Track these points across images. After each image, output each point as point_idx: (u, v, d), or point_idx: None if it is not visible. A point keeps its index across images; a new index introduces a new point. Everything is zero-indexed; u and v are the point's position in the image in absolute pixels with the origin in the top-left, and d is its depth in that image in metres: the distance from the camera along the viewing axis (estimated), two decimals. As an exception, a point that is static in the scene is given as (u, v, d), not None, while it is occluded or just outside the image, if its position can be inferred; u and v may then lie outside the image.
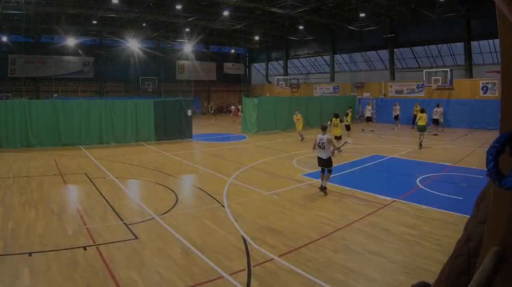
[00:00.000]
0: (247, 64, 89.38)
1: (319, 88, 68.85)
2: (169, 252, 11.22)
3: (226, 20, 57.10)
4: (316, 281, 9.43)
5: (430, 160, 25.97)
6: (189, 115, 37.91)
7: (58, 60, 66.31)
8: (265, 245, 11.69)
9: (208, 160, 27.06)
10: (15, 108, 30.85)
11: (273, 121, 42.87)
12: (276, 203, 16.18)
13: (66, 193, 18.07)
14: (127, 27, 61.61)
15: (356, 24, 56.53)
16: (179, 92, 73.32)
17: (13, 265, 10.16)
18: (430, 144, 32.73)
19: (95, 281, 9.42)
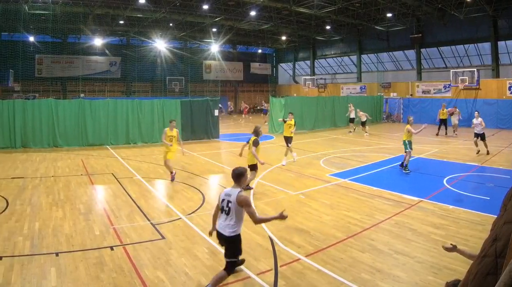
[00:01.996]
0: (274, 64, 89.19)
1: (346, 88, 68.62)
2: (196, 252, 11.24)
3: (253, 20, 57.17)
4: (343, 281, 9.43)
5: (457, 159, 25.81)
6: (216, 115, 38.00)
7: (85, 60, 66.84)
8: (292, 245, 11.70)
9: (235, 160, 26.34)
10: (42, 109, 31.15)
11: (300, 121, 42.19)
12: (303, 203, 16.12)
13: (93, 193, 18.10)
14: (154, 27, 61.89)
15: (383, 24, 56.31)
16: (206, 92, 73.91)
17: (40, 265, 10.21)
18: (457, 144, 32.56)
19: (122, 281, 9.48)
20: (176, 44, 72.47)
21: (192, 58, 73.43)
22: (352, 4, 49.24)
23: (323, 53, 75.40)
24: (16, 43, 58.06)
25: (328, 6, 49.04)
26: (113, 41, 69.92)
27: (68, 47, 64.58)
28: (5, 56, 56.48)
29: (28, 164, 24.67)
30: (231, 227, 8.87)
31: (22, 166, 24.00)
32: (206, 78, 78.02)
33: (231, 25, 60.39)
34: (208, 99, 38.23)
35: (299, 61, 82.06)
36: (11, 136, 30.28)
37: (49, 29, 54.98)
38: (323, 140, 36.11)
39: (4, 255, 10.74)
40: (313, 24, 62.51)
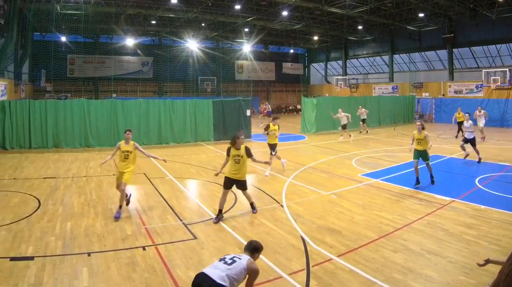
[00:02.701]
0: (306, 64, 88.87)
1: (378, 88, 68.39)
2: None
3: (285, 20, 57.04)
4: (375, 281, 9.46)
5: (489, 159, 25.49)
6: (248, 115, 37.97)
7: (117, 60, 67.43)
8: (324, 245, 11.68)
9: (266, 160, 26.75)
10: (74, 109, 31.38)
11: (331, 122, 42.12)
12: (335, 203, 16.07)
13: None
14: (186, 27, 62.13)
15: (415, 24, 55.89)
16: (238, 92, 73.89)
17: (72, 265, 10.29)
18: (489, 144, 32.23)
19: (154, 281, 9.52)
20: (208, 44, 72.74)
21: (224, 58, 73.70)
22: (384, 4, 49.03)
23: (355, 53, 75.00)
24: (48, 43, 58.62)
25: (360, 6, 48.91)
26: (145, 41, 70.41)
27: (100, 47, 65.16)
28: (37, 56, 57.12)
29: (60, 164, 24.91)
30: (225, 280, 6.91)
31: (54, 166, 24.24)
32: (238, 78, 78.17)
33: (263, 25, 60.51)
34: (240, 99, 38.16)
35: (331, 61, 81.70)
36: (43, 136, 30.59)
37: (81, 29, 55.43)
38: (355, 140, 35.90)
39: (36, 255, 10.83)
40: (345, 24, 62.39)
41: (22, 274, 9.67)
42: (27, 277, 9.49)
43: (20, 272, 9.75)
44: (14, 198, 16.70)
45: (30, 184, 19.47)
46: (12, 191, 18.03)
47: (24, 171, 22.78)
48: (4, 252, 11.00)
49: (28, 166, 24.09)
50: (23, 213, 14.55)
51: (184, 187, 19.27)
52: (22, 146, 30.31)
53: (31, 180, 20.26)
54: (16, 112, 30.08)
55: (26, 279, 9.39)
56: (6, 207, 15.39)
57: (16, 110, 30.12)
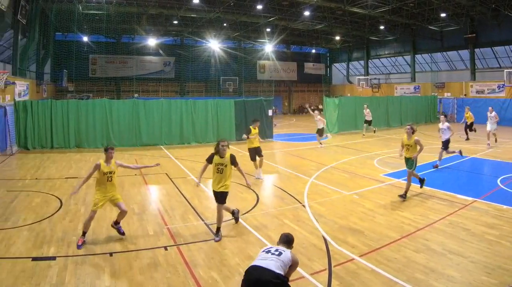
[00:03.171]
0: (328, 64, 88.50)
1: (400, 88, 68.13)
2: (249, 252, 11.25)
3: (307, 20, 56.99)
4: (397, 281, 9.52)
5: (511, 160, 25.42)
6: (270, 115, 37.88)
7: (139, 60, 67.76)
8: (346, 245, 11.70)
9: (288, 160, 27.00)
10: (96, 109, 31.55)
11: (353, 122, 42.57)
12: (357, 203, 16.07)
13: (146, 193, 18.33)
14: (208, 27, 62.28)
15: (437, 24, 55.47)
16: (260, 92, 74.06)
17: (94, 265, 10.36)
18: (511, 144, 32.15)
19: (176, 281, 9.54)
20: (230, 44, 72.93)
21: (246, 58, 73.75)
22: (406, 4, 48.83)
23: (377, 53, 74.72)
24: (70, 43, 58.89)
25: (382, 6, 48.75)
26: (167, 41, 70.66)
27: (122, 47, 65.43)
28: (59, 57, 57.61)
29: (82, 164, 25.05)
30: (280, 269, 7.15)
31: (76, 166, 24.40)
32: (260, 78, 78.18)
33: (285, 25, 60.44)
34: (262, 99, 38.11)
35: (353, 61, 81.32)
36: (65, 136, 30.82)
37: (103, 29, 55.80)
38: (376, 140, 35.87)
39: (58, 255, 10.91)
40: (367, 24, 62.18)
41: (44, 274, 9.72)
42: (49, 277, 9.55)
43: (42, 272, 9.80)
44: (36, 198, 16.83)
45: (52, 184, 19.63)
46: (34, 191, 18.19)
47: (46, 171, 22.95)
48: (26, 252, 11.08)
49: (50, 166, 24.27)
50: (45, 213, 14.67)
51: (206, 187, 19.03)
52: (44, 146, 30.54)
53: (53, 180, 20.42)
54: (38, 113, 30.28)
55: (48, 279, 9.45)
56: (28, 207, 15.52)
57: (38, 111, 30.32)
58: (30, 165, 24.78)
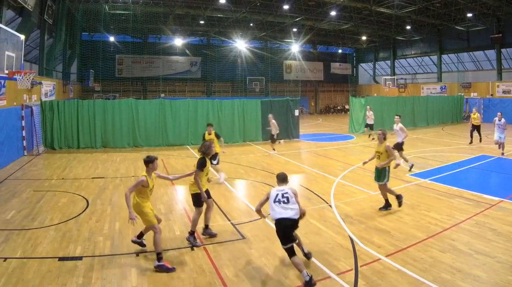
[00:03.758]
0: (354, 64, 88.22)
1: (426, 88, 67.81)
2: (276, 251, 11.23)
3: (333, 20, 56.84)
4: (423, 281, 9.49)
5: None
6: (296, 115, 37.83)
7: (166, 60, 68.06)
8: (372, 245, 11.69)
9: (315, 160, 26.89)
10: (122, 109, 31.76)
11: (380, 121, 41.78)
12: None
13: (173, 193, 18.38)
14: (234, 27, 62.45)
15: (463, 24, 55.19)
16: (286, 92, 73.84)
17: (120, 265, 10.42)
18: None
19: (202, 281, 9.56)
20: (257, 44, 73.05)
21: (272, 58, 73.69)
22: (433, 4, 48.69)
23: (403, 53, 74.45)
24: (96, 43, 59.35)
25: (408, 6, 48.65)
26: (193, 41, 70.97)
27: (148, 47, 65.92)
28: (86, 56, 58.09)
29: (109, 164, 25.22)
30: (296, 212, 9.83)
31: (102, 166, 24.53)
32: (286, 78, 78.08)
33: (312, 25, 60.43)
34: (288, 99, 38.11)
35: (379, 61, 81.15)
36: (91, 136, 31.01)
37: (129, 29, 56.43)
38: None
39: (85, 255, 10.98)
40: (394, 24, 61.83)
41: (70, 274, 9.78)
42: (76, 277, 9.61)
43: (68, 272, 9.86)
44: (63, 198, 16.94)
45: (78, 184, 19.74)
46: (60, 191, 18.31)
47: (73, 171, 23.09)
48: (52, 252, 11.15)
49: (76, 166, 24.43)
50: (72, 213, 14.76)
51: (232, 187, 19.28)
52: (71, 146, 30.79)
53: (79, 180, 20.53)
54: (64, 113, 30.56)
55: (74, 279, 9.50)
56: (55, 207, 15.61)
57: (65, 111, 30.59)
58: (57, 165, 24.96)
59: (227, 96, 70.18)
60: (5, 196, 17.29)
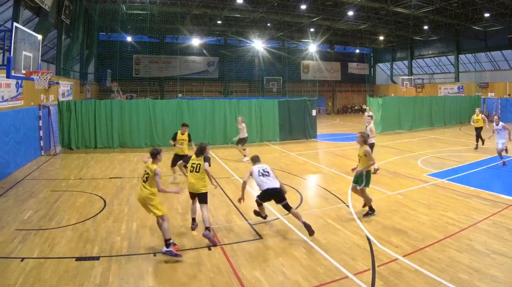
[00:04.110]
0: (371, 64, 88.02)
1: (444, 88, 67.44)
2: (293, 251, 11.26)
3: (351, 20, 56.73)
4: (441, 281, 9.47)
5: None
6: (314, 115, 37.75)
7: (183, 60, 68.23)
8: (390, 245, 11.68)
9: (332, 160, 26.91)
10: (139, 108, 31.86)
11: (397, 121, 42.46)
12: (400, 203, 15.98)
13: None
14: (251, 27, 62.50)
15: (481, 24, 54.76)
16: (304, 92, 73.71)
17: (138, 265, 10.44)
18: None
19: (220, 281, 9.56)
20: (274, 44, 72.87)
21: (289, 58, 73.64)
22: (450, 4, 48.47)
23: (420, 53, 74.14)
24: (113, 43, 60.11)
25: (425, 6, 48.49)
26: (210, 41, 71.09)
27: (165, 47, 66.02)
28: (103, 56, 58.45)
29: (126, 164, 25.31)
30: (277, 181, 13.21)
31: (119, 166, 24.65)
32: (303, 78, 78.09)
33: (329, 25, 60.40)
34: (305, 99, 37.96)
35: (396, 61, 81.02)
36: (108, 136, 31.15)
37: (147, 29, 56.72)
38: (420, 140, 35.60)
39: (102, 255, 11.02)
40: (411, 24, 61.63)
41: (87, 274, 9.82)
42: (93, 277, 9.64)
43: (85, 272, 9.90)
44: (80, 198, 17.03)
45: (95, 184, 19.84)
46: (77, 191, 18.40)
47: (90, 171, 23.20)
48: (70, 252, 11.20)
49: (93, 166, 24.54)
50: (89, 213, 14.83)
51: (249, 187, 18.81)
52: (88, 146, 30.92)
53: (96, 180, 20.64)
54: (81, 113, 30.70)
55: (91, 279, 9.54)
56: (72, 207, 15.69)
57: (82, 110, 30.73)
58: (74, 165, 25.09)
59: (245, 96, 70.27)
60: (23, 196, 17.41)
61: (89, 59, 53.98)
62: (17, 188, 18.88)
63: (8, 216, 14.37)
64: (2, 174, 20.55)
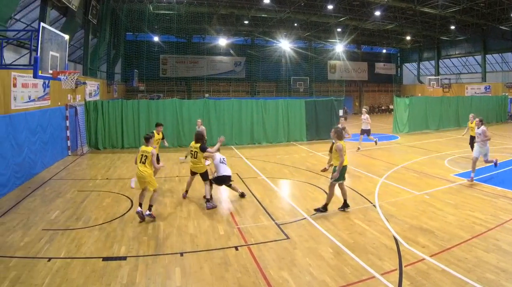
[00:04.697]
0: (398, 64, 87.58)
1: (471, 88, 66.86)
2: (320, 252, 11.21)
3: (378, 20, 56.49)
4: (468, 281, 9.45)
5: None
6: (340, 115, 36.85)
7: (210, 60, 68.53)
8: (417, 245, 11.64)
9: (359, 160, 26.65)
10: (166, 108, 31.94)
11: (424, 121, 42.27)
12: (427, 203, 15.88)
13: (217, 193, 18.19)
14: (278, 27, 62.45)
15: (508, 24, 54.15)
16: (331, 92, 73.89)
17: (165, 265, 10.45)
18: None
19: (247, 281, 9.55)
20: (301, 44, 72.90)
21: (316, 58, 73.72)
22: (477, 4, 48.11)
23: (447, 53, 73.65)
24: (140, 43, 60.50)
25: (452, 6, 48.06)
26: (237, 41, 71.31)
27: (192, 47, 66.31)
28: (130, 57, 58.94)
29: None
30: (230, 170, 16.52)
31: (146, 166, 24.53)
32: (330, 78, 77.92)
33: (356, 25, 60.19)
34: (332, 99, 37.81)
35: (423, 61, 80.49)
36: (135, 136, 31.14)
37: (174, 29, 56.73)
38: (447, 140, 35.34)
39: (129, 255, 11.07)
40: (438, 24, 61.23)
41: (114, 274, 9.88)
42: (120, 277, 9.70)
43: (112, 272, 9.96)
44: (107, 198, 17.14)
45: (122, 184, 19.95)
46: (104, 191, 18.53)
47: (117, 170, 23.35)
48: (96, 252, 11.28)
49: (120, 166, 24.68)
50: (116, 213, 14.93)
51: (276, 187, 19.25)
52: (115, 146, 31.08)
53: (123, 180, 20.74)
54: (108, 112, 30.86)
55: (118, 279, 9.59)
56: (99, 207, 15.81)
57: (109, 110, 30.90)
58: (101, 164, 25.26)
59: (271, 96, 70.56)
60: (50, 196, 17.55)
61: (116, 59, 54.52)
62: (44, 188, 19.04)
63: (35, 216, 14.49)
64: (29, 174, 20.73)
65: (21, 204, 16.22)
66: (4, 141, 17.75)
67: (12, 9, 20.68)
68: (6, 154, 17.86)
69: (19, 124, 19.64)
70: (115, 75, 53.66)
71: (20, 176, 19.43)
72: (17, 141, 19.18)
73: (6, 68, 17.81)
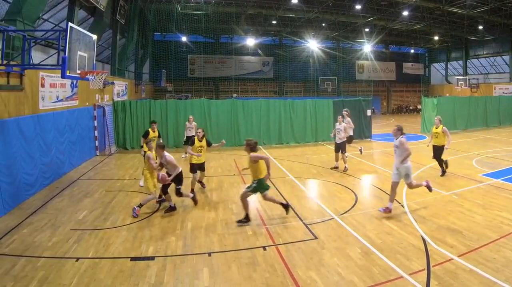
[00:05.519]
0: (426, 64, 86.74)
1: (499, 88, 66.15)
2: (348, 252, 11.19)
3: (406, 20, 56.19)
4: (496, 281, 9.40)
5: None
6: (369, 115, 37.57)
7: (238, 60, 68.67)
8: (445, 245, 11.59)
9: (387, 160, 26.43)
10: (194, 108, 31.98)
11: (452, 121, 41.54)
12: (455, 203, 15.80)
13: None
14: (306, 27, 62.24)
15: (537, 24, 53.94)
16: (358, 92, 73.76)
17: (193, 265, 10.49)
18: None
19: (275, 281, 9.55)
20: (329, 44, 72.79)
21: (344, 58, 73.51)
22: (505, 4, 47.46)
23: (475, 53, 72.87)
24: (168, 43, 60.63)
25: (480, 6, 47.68)
26: (265, 41, 71.25)
27: (220, 47, 66.77)
28: (158, 57, 59.43)
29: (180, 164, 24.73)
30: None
31: (174, 166, 24.58)
32: (358, 78, 77.63)
33: (384, 25, 59.71)
34: (360, 99, 37.76)
35: (451, 61, 79.60)
36: (163, 136, 30.49)
37: (202, 29, 57.08)
38: (475, 140, 35.08)
39: (157, 255, 11.13)
40: (466, 24, 60.67)
41: (142, 274, 9.94)
42: (148, 277, 9.76)
43: (140, 272, 10.03)
44: (135, 198, 17.26)
45: (150, 184, 19.92)
46: (132, 191, 18.68)
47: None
48: (124, 252, 11.36)
49: (148, 166, 24.58)
50: (144, 213, 14.97)
51: (304, 187, 19.24)
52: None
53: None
54: (136, 112, 31.07)
55: (146, 279, 9.65)
56: (127, 207, 15.90)
57: (137, 111, 31.10)
58: (129, 165, 25.45)
59: (299, 96, 70.51)
60: (78, 196, 17.71)
61: (144, 59, 54.93)
62: (72, 188, 19.21)
63: (63, 216, 14.62)
64: (57, 174, 20.93)
65: (49, 204, 16.37)
66: (32, 141, 17.89)
67: (40, 9, 20.82)
68: (34, 153, 18.00)
69: (47, 124, 19.78)
70: (143, 75, 54.15)
71: (48, 176, 19.64)
72: (45, 141, 19.32)
73: (34, 68, 17.95)
